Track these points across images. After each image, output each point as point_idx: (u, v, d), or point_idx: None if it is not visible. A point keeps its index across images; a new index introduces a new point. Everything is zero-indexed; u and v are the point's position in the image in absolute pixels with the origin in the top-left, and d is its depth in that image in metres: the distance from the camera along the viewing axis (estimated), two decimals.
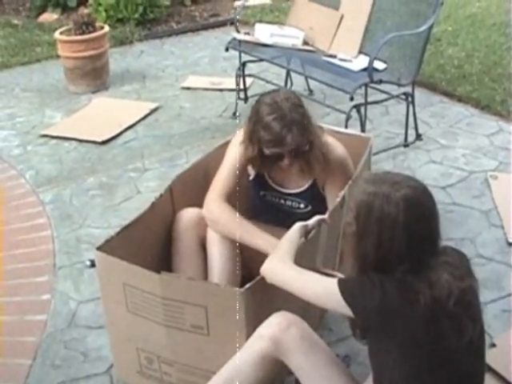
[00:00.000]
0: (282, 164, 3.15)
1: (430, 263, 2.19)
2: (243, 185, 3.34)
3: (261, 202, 3.48)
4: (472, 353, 2.23)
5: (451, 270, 2.18)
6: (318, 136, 3.17)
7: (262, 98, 3.16)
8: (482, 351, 2.32)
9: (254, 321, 2.56)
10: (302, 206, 3.37)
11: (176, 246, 3.27)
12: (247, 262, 3.15)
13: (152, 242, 3.22)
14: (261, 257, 2.70)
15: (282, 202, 3.41)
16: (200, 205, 3.31)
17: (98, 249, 2.81)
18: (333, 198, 3.18)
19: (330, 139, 3.29)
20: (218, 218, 3.15)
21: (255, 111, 3.13)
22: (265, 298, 2.61)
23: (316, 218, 2.85)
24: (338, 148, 3.30)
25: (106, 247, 2.82)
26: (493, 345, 3.15)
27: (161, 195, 3.26)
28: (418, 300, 2.10)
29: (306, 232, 2.77)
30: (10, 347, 3.41)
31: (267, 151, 3.11)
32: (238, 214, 3.12)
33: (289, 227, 2.77)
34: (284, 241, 2.67)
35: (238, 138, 3.30)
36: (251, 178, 3.44)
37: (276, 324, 2.47)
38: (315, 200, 3.33)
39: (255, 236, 3.02)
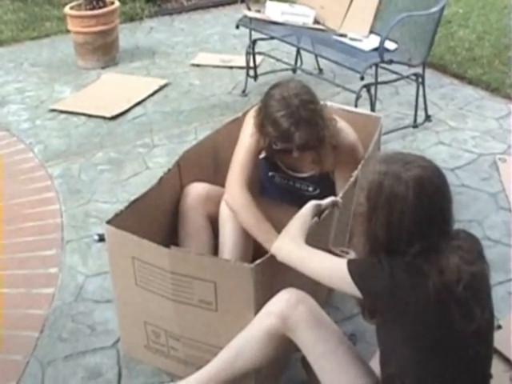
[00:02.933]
0: (291, 155, 3.12)
1: (442, 246, 2.16)
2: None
3: (269, 182, 3.46)
4: (480, 338, 2.22)
5: (462, 254, 2.16)
6: (329, 129, 3.10)
7: (272, 92, 3.07)
8: (491, 337, 2.31)
9: (262, 297, 2.56)
10: (310, 189, 3.35)
11: (182, 222, 3.27)
12: None
13: (160, 217, 3.23)
14: None
15: (291, 183, 3.40)
16: (207, 180, 3.32)
17: (108, 222, 2.81)
18: (341, 183, 3.16)
19: (341, 124, 3.24)
20: (239, 210, 3.11)
21: (264, 104, 3.06)
22: (274, 275, 2.61)
23: (330, 198, 2.84)
24: (349, 134, 3.26)
25: (116, 221, 2.82)
26: (499, 326, 3.15)
27: (169, 170, 3.26)
28: (427, 284, 2.09)
29: (318, 212, 2.76)
30: (17, 320, 3.42)
31: (275, 145, 3.08)
32: (257, 209, 3.10)
33: (299, 206, 2.76)
34: (296, 219, 2.66)
35: (251, 115, 3.22)
36: (261, 156, 3.38)
37: (284, 301, 2.47)
38: (324, 184, 3.31)
39: (270, 238, 2.91)
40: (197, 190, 3.29)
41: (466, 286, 2.11)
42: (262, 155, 3.38)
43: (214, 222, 3.24)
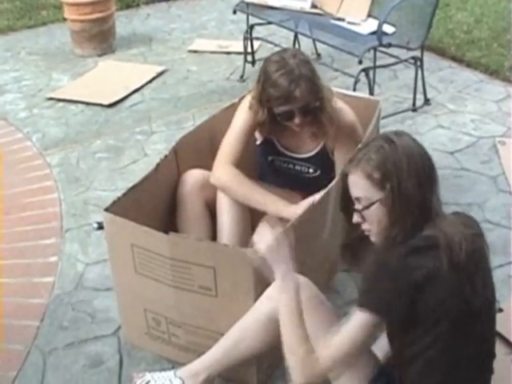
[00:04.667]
0: (292, 125, 3.12)
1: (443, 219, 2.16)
2: (250, 150, 3.32)
3: (269, 167, 3.45)
4: (484, 316, 2.21)
5: (463, 230, 2.14)
6: (328, 95, 3.15)
7: (270, 57, 3.17)
8: (493, 315, 2.31)
9: (262, 282, 2.54)
10: (311, 170, 3.35)
11: (181, 209, 3.27)
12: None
13: (158, 204, 3.22)
14: None
15: (291, 166, 3.39)
16: (205, 167, 3.30)
17: (106, 210, 2.80)
18: (341, 163, 3.12)
19: (340, 104, 3.26)
20: (226, 184, 3.13)
21: (263, 71, 3.13)
22: None
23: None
24: (348, 113, 3.27)
25: (114, 208, 2.81)
26: (500, 310, 3.14)
27: (165, 156, 3.25)
28: (439, 268, 2.03)
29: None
30: (17, 309, 3.42)
31: (277, 110, 3.08)
32: (246, 178, 3.11)
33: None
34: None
35: (246, 102, 3.27)
36: (258, 142, 3.42)
37: None
38: (324, 165, 3.31)
39: (265, 199, 3.00)
40: (194, 176, 3.28)
41: (470, 262, 2.09)
42: (259, 141, 3.39)
43: (212, 208, 3.23)
